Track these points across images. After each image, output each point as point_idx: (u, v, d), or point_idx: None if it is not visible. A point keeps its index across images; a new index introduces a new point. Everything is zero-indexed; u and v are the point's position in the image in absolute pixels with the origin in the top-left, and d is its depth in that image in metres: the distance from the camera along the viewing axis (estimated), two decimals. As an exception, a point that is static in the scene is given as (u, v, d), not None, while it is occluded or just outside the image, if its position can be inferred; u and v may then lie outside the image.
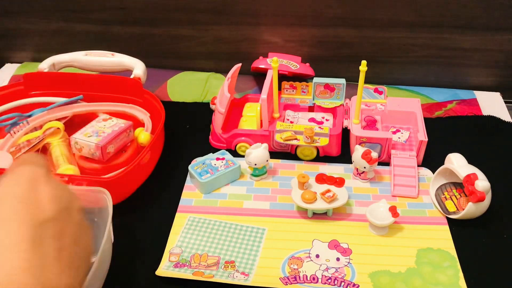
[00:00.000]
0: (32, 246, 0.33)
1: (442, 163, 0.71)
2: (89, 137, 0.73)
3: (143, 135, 0.76)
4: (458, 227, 0.67)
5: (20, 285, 0.32)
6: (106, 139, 0.72)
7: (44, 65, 0.85)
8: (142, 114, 0.81)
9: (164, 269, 0.61)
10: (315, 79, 0.82)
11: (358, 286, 0.59)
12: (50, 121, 0.78)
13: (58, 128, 0.76)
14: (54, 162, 0.72)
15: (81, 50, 0.87)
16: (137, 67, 0.83)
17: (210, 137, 0.82)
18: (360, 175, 0.74)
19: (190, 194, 0.72)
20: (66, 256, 0.36)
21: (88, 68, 0.87)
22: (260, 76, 0.95)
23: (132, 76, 0.82)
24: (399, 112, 0.81)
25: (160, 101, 0.79)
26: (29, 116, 0.78)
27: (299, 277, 0.60)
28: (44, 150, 0.76)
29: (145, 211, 0.70)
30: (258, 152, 0.72)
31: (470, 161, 0.69)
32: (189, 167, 0.74)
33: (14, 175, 0.37)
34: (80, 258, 0.38)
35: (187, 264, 0.62)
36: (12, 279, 0.32)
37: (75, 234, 0.37)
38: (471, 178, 0.65)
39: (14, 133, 0.75)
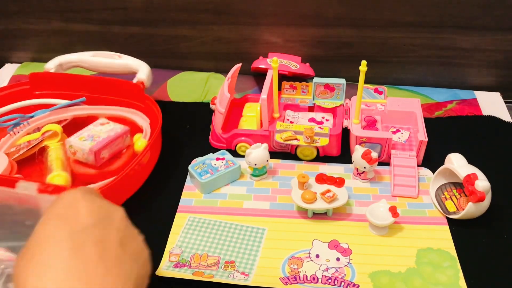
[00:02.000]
0: (73, 253, 0.37)
1: (442, 163, 0.71)
2: (83, 141, 0.71)
3: (140, 142, 0.75)
4: (458, 227, 0.67)
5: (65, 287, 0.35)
6: (100, 144, 0.70)
7: (51, 65, 0.85)
8: (142, 120, 0.80)
9: (164, 269, 0.61)
10: (315, 79, 0.82)
11: (358, 286, 0.59)
12: (51, 122, 0.78)
13: (56, 131, 0.76)
14: (48, 166, 0.71)
15: (81, 50, 0.87)
16: (142, 71, 0.83)
17: (210, 137, 0.82)
18: (360, 175, 0.74)
19: (190, 194, 0.72)
20: (112, 257, 0.38)
21: (95, 69, 0.86)
22: (260, 76, 0.95)
23: (135, 80, 0.82)
24: (399, 112, 0.81)
25: (158, 106, 0.77)
26: (31, 117, 0.78)
27: (299, 277, 0.60)
28: (42, 152, 0.75)
29: (145, 211, 0.70)
30: (258, 152, 0.72)
31: (470, 161, 0.69)
32: (189, 167, 0.74)
33: (57, 200, 0.42)
34: (129, 260, 0.40)
35: (187, 264, 0.62)
36: (58, 284, 0.35)
37: (120, 238, 0.40)
38: (471, 178, 0.65)
39: (14, 133, 0.75)
